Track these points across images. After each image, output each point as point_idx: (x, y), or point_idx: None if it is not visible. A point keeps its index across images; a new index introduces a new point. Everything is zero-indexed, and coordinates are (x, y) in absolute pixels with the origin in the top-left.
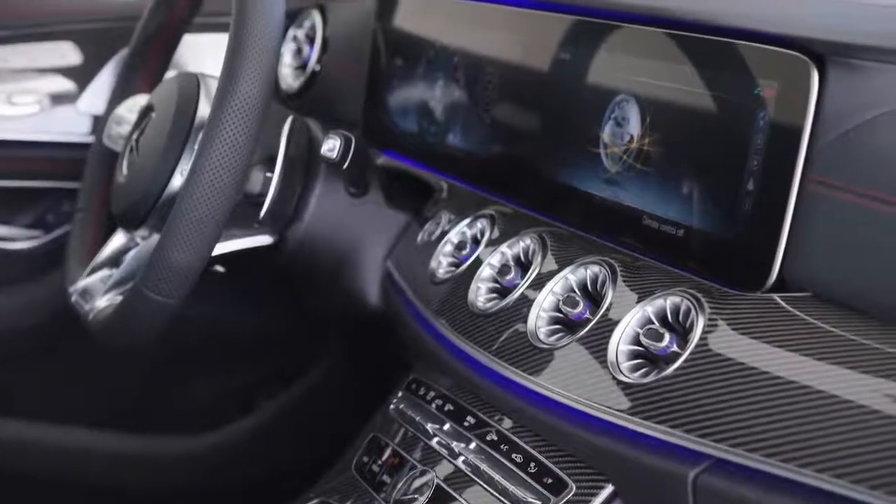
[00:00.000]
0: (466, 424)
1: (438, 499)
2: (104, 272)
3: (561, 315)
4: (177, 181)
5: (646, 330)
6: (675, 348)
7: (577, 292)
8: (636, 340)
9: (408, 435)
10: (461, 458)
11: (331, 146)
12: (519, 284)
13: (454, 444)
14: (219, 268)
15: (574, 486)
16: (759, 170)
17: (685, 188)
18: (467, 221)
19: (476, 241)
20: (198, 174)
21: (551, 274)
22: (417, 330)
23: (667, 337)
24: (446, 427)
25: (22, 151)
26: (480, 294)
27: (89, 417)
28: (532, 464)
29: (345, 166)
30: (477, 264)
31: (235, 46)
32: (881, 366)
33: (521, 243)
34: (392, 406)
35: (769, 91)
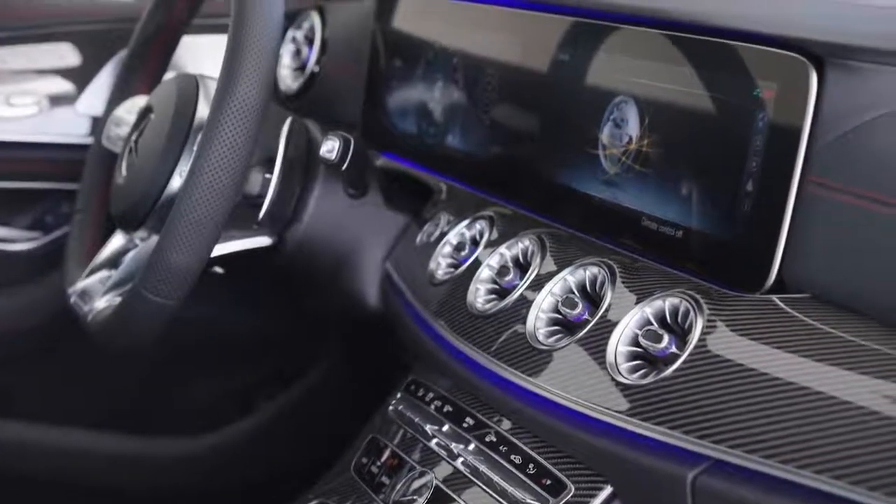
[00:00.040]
0: (465, 425)
1: (437, 500)
2: (103, 273)
3: (560, 316)
4: (176, 182)
5: (645, 331)
6: (674, 349)
7: (576, 293)
8: (635, 341)
9: (407, 436)
10: (460, 460)
11: (330, 147)
12: (518, 285)
13: (453, 446)
14: (218, 269)
15: (573, 488)
16: (758, 171)
17: (684, 189)
18: (466, 223)
19: (475, 243)
20: (197, 175)
21: (550, 275)
22: (416, 331)
23: (666, 338)
24: (445, 428)
25: (21, 153)
26: (479, 295)
27: (88, 418)
28: (531, 465)
29: (344, 167)
30: (476, 265)
31: (234, 48)
32: (880, 367)
33: (520, 244)
34: (391, 407)
35: (768, 92)
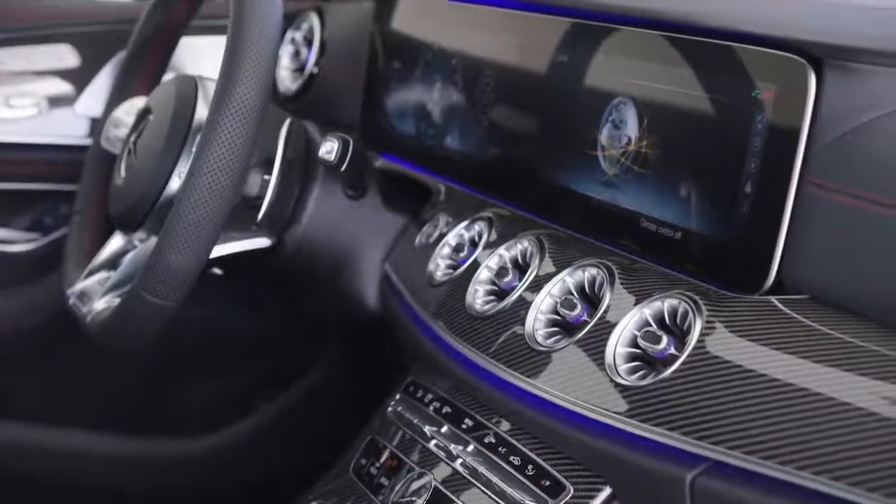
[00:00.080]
0: (464, 427)
1: (436, 501)
2: (102, 274)
3: (558, 317)
4: (174, 184)
5: (643, 332)
6: (673, 351)
7: (575, 294)
8: (634, 343)
9: (406, 437)
10: (459, 461)
11: (329, 148)
12: (517, 287)
13: (452, 447)
14: (216, 270)
15: (572, 489)
16: (757, 172)
17: (683, 190)
18: (465, 224)
19: (474, 244)
20: (195, 177)
21: (549, 276)
22: (415, 332)
23: (664, 339)
24: (444, 429)
25: (20, 154)
26: (478, 296)
27: (88, 419)
28: (530, 466)
29: (342, 169)
30: (475, 267)
31: (233, 49)
32: (879, 368)
33: (519, 246)
34: (390, 408)
35: (767, 94)
